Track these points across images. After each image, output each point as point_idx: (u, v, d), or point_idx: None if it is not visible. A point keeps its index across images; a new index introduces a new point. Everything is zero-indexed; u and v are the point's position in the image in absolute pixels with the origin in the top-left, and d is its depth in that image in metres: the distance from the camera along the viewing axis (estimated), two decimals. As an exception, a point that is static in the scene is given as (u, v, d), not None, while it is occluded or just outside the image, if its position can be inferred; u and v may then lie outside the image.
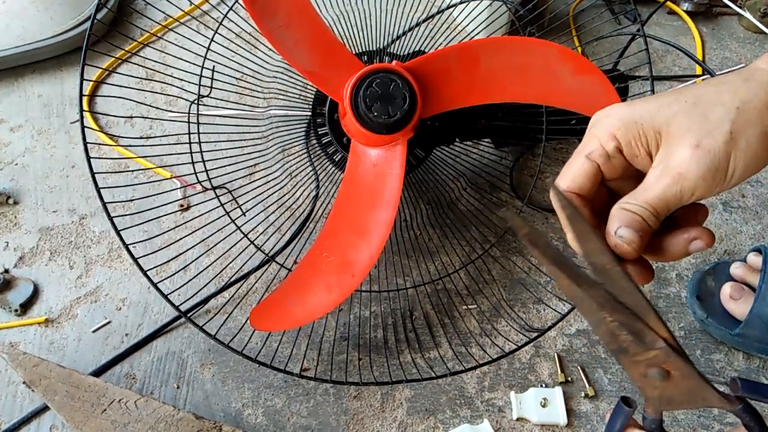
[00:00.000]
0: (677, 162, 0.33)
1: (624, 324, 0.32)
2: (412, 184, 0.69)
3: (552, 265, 0.31)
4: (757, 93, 0.33)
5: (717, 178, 0.33)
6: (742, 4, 0.93)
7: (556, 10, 0.90)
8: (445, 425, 0.60)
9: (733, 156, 0.32)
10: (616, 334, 0.32)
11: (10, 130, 0.80)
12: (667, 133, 0.34)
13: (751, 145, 0.32)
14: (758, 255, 0.63)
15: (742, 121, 0.32)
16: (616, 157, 0.35)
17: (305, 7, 0.56)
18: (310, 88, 0.69)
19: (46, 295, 0.67)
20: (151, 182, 0.74)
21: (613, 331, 0.32)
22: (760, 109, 0.33)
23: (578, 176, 0.36)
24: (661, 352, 0.32)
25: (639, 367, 0.33)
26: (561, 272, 0.31)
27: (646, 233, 0.34)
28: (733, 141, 0.32)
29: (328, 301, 0.56)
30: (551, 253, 0.32)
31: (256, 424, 0.59)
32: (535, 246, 0.32)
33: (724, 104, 0.33)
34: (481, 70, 0.57)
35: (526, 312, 0.66)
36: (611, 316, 0.32)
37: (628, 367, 0.33)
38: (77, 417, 0.55)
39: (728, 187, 0.33)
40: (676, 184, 0.33)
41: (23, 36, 0.83)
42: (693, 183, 0.33)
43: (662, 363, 0.32)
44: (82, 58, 0.55)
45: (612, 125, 0.35)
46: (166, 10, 0.81)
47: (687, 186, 0.33)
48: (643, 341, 0.32)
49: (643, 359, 0.32)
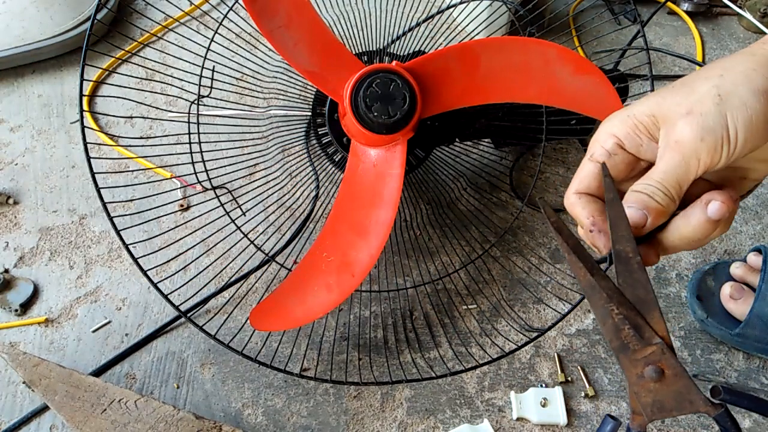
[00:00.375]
0: (675, 133, 0.34)
1: (627, 317, 0.33)
2: (412, 184, 0.69)
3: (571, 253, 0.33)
4: (742, 60, 0.34)
5: (718, 140, 0.33)
6: (742, 4, 0.93)
7: (556, 10, 0.90)
8: (445, 425, 0.60)
9: (729, 115, 0.32)
10: (620, 328, 0.33)
11: (10, 130, 0.80)
12: (660, 114, 0.35)
13: (745, 102, 0.32)
14: (758, 255, 0.63)
15: (729, 82, 0.33)
16: (618, 153, 0.37)
17: (305, 7, 0.56)
18: (310, 88, 0.69)
19: (46, 295, 0.67)
20: (151, 182, 0.74)
21: (617, 324, 0.33)
22: (747, 72, 0.33)
23: (584, 178, 0.38)
24: (658, 348, 0.33)
25: (637, 367, 0.34)
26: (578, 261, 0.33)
27: (655, 211, 0.34)
28: (723, 101, 0.33)
29: (328, 301, 0.56)
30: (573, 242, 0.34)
31: (256, 424, 0.59)
32: (560, 233, 0.34)
33: (708, 77, 0.34)
34: (481, 70, 0.57)
35: (526, 312, 0.66)
36: (618, 308, 0.33)
37: (627, 368, 0.34)
38: (77, 417, 0.55)
39: (741, 151, 0.33)
40: (676, 153, 0.33)
41: (23, 36, 0.83)
42: (693, 147, 0.33)
43: (658, 361, 0.33)
44: (82, 58, 0.55)
45: (608, 126, 0.37)
46: (166, 10, 0.81)
47: (688, 152, 0.33)
48: (642, 336, 0.33)
49: (641, 357, 0.33)
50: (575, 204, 0.38)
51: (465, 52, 0.57)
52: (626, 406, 0.61)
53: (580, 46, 0.88)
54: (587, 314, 0.66)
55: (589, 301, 0.34)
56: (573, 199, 0.38)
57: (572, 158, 0.78)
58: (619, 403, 0.61)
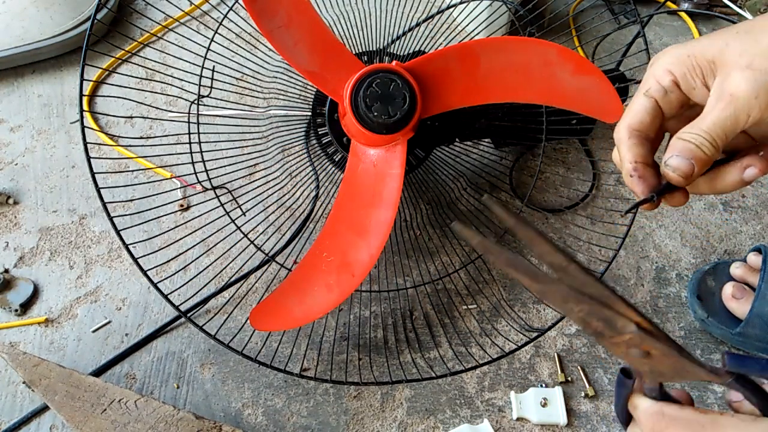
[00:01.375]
0: (730, 85, 0.33)
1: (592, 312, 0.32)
2: (412, 184, 0.69)
3: (508, 267, 0.31)
4: None
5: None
6: (742, 4, 0.93)
7: (556, 10, 0.90)
8: (445, 425, 0.60)
9: None
10: (588, 321, 0.32)
11: (10, 130, 0.80)
12: (720, 61, 0.34)
13: None
14: (758, 255, 0.63)
15: None
16: (674, 91, 0.36)
17: (305, 7, 0.56)
18: (310, 88, 0.69)
19: (46, 295, 0.67)
20: (151, 182, 0.74)
21: (584, 318, 0.32)
22: None
23: (638, 112, 0.37)
24: (635, 336, 0.32)
25: (620, 348, 0.33)
26: (519, 273, 0.31)
27: (701, 161, 0.35)
28: None
29: (328, 301, 0.57)
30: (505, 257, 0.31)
31: (256, 424, 0.59)
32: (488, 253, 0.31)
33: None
34: (481, 70, 0.57)
35: (526, 312, 0.66)
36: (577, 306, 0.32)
37: (610, 348, 0.33)
38: (77, 417, 0.55)
39: None
40: (729, 106, 0.33)
41: (23, 36, 0.83)
42: (746, 103, 0.33)
43: (639, 344, 0.32)
44: (82, 58, 0.55)
45: (666, 62, 0.36)
46: (166, 10, 0.81)
47: (740, 107, 0.33)
48: (615, 327, 0.32)
49: (619, 341, 0.33)
50: (623, 141, 0.37)
51: (465, 52, 0.57)
52: (626, 406, 0.61)
53: (580, 46, 0.88)
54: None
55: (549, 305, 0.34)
56: (623, 134, 0.37)
57: (572, 158, 0.78)
58: (619, 403, 0.61)
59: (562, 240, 0.71)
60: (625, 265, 0.70)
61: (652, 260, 0.71)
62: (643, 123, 0.37)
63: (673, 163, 0.35)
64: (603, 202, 0.74)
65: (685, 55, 0.36)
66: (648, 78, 0.37)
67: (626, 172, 0.37)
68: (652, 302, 0.67)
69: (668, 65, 0.36)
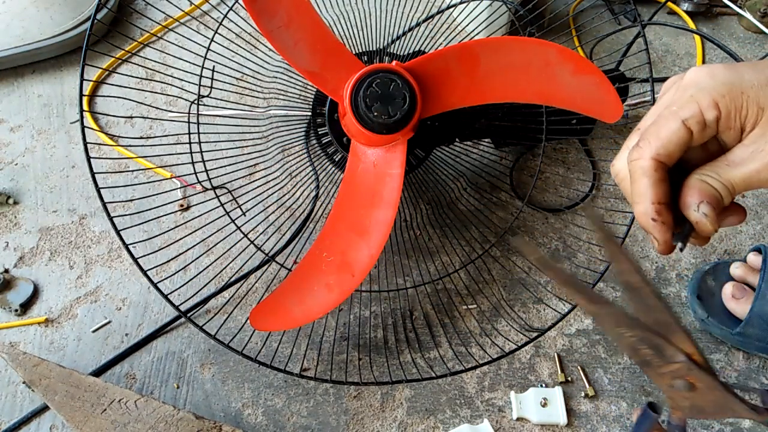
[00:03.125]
0: None
1: (643, 339, 0.31)
2: (412, 184, 0.69)
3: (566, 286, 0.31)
4: None
5: None
6: (742, 4, 0.93)
7: (556, 10, 0.90)
8: (445, 425, 0.60)
9: None
10: (637, 348, 0.32)
11: (10, 130, 0.80)
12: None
13: None
14: (758, 255, 0.63)
15: None
16: (712, 127, 0.32)
17: (305, 7, 0.56)
18: (310, 88, 0.69)
19: (46, 295, 0.67)
20: (151, 182, 0.74)
21: (633, 345, 0.32)
22: None
23: (671, 143, 0.32)
24: (683, 366, 0.31)
25: (665, 379, 0.32)
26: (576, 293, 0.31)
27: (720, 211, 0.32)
28: None
29: (328, 301, 0.56)
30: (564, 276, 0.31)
31: (256, 424, 0.59)
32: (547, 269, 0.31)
33: None
34: (481, 70, 0.57)
35: (526, 312, 0.66)
36: (630, 332, 0.31)
37: (655, 379, 0.33)
38: (77, 417, 0.55)
39: None
40: (765, 170, 0.31)
41: (23, 36, 0.83)
42: None
43: (686, 375, 0.32)
44: (82, 58, 0.55)
45: (717, 91, 0.32)
46: (166, 10, 0.82)
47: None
48: (664, 355, 0.31)
49: (667, 371, 0.32)
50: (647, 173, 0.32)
51: (465, 52, 0.57)
52: (626, 405, 0.61)
53: (580, 46, 0.88)
54: (587, 314, 0.66)
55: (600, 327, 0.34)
56: (648, 165, 0.32)
57: (572, 158, 0.78)
58: (620, 402, 0.61)
59: (562, 240, 0.71)
60: (625, 265, 0.70)
61: (652, 260, 0.71)
62: (672, 156, 0.32)
63: (706, 210, 0.32)
64: (603, 202, 0.74)
65: (738, 92, 0.31)
66: (689, 102, 0.32)
67: (645, 213, 0.32)
68: (652, 302, 0.67)
69: (717, 97, 0.31)
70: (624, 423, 0.60)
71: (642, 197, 0.32)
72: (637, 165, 0.32)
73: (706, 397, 0.32)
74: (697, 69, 0.33)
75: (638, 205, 0.33)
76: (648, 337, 0.31)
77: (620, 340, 0.32)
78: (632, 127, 0.83)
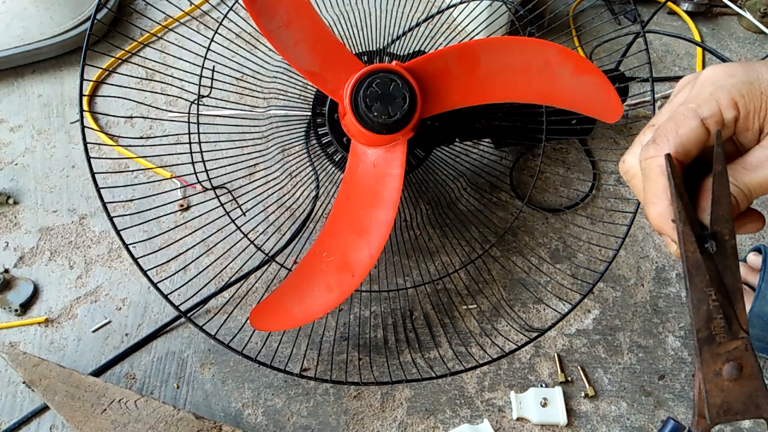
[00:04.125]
0: None
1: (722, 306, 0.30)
2: (412, 184, 0.69)
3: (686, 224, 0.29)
4: None
5: None
6: (742, 4, 0.93)
7: (556, 10, 0.90)
8: (445, 425, 0.60)
9: None
10: (713, 317, 0.30)
11: (10, 130, 0.80)
12: None
13: None
14: (758, 255, 0.63)
15: None
16: (730, 127, 0.31)
17: (305, 7, 0.56)
18: (310, 88, 0.69)
19: (46, 295, 0.67)
20: (151, 182, 0.74)
21: (711, 312, 0.30)
22: None
23: (689, 141, 0.31)
24: (742, 344, 0.30)
25: (717, 363, 0.31)
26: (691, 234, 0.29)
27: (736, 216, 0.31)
28: None
29: (328, 301, 0.56)
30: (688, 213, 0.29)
31: (256, 424, 0.59)
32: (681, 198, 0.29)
33: None
34: (481, 70, 0.57)
35: (526, 312, 0.66)
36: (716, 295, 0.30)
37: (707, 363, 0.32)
38: (77, 417, 0.55)
39: None
40: None
41: (23, 36, 0.83)
42: None
43: (740, 357, 0.31)
44: (82, 58, 0.55)
45: (737, 90, 0.30)
46: (166, 10, 0.81)
47: None
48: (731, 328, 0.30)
49: (723, 352, 0.31)
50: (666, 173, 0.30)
51: (465, 52, 0.57)
52: (626, 405, 0.61)
53: (580, 46, 0.88)
54: (587, 314, 0.66)
55: (689, 282, 0.31)
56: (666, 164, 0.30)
57: (572, 158, 0.78)
58: (620, 403, 0.61)
59: (562, 240, 0.71)
60: (625, 265, 0.70)
61: (652, 260, 0.71)
62: (690, 155, 0.31)
63: None
64: (603, 202, 0.74)
65: (758, 92, 0.30)
66: (709, 101, 0.31)
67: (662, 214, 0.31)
68: (652, 302, 0.67)
69: (737, 96, 0.30)
70: (624, 423, 0.60)
71: (659, 197, 0.31)
72: (653, 163, 0.31)
73: (744, 387, 0.31)
74: (714, 67, 0.32)
75: (654, 206, 0.31)
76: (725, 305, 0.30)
77: (701, 305, 0.30)
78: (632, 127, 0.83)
